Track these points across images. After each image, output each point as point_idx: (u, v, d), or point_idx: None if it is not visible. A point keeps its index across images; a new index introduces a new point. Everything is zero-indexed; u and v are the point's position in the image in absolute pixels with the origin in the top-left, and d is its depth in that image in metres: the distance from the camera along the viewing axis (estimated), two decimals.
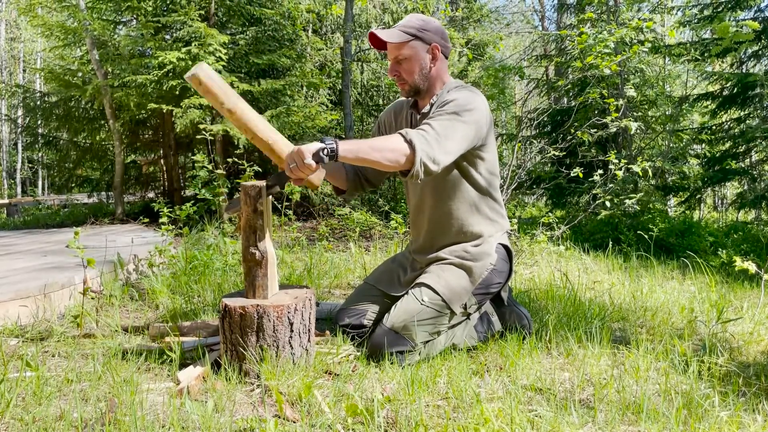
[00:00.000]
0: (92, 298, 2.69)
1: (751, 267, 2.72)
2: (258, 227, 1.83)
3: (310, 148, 1.70)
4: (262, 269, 1.85)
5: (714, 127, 9.03)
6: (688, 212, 9.01)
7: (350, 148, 1.74)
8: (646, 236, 5.52)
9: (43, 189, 20.90)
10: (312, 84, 7.12)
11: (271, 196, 1.89)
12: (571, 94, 9.34)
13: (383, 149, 1.77)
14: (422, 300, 2.01)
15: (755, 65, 9.51)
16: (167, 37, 6.95)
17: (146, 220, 5.55)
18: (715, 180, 8.39)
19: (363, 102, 10.36)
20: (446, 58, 2.13)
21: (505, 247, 2.17)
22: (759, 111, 8.57)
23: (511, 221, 5.10)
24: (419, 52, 2.05)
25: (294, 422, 1.51)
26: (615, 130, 6.93)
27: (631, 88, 7.13)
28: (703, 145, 9.24)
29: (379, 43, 2.08)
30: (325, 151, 1.69)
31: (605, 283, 3.48)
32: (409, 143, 1.79)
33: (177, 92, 6.07)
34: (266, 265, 1.85)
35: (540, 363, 1.97)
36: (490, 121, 2.07)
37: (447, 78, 2.15)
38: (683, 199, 9.00)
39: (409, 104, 2.24)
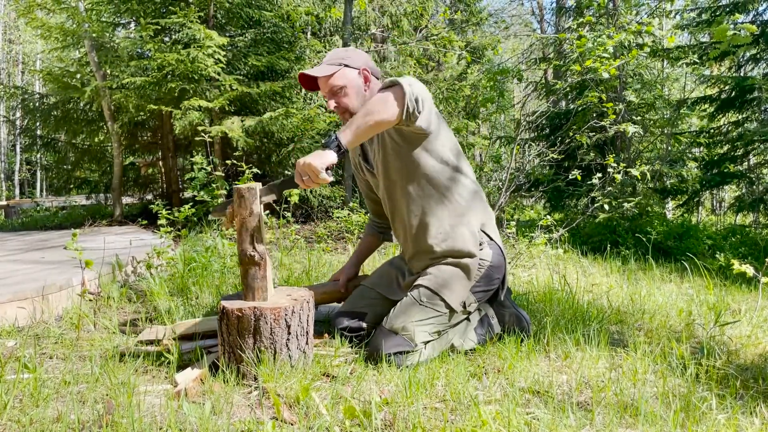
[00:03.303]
0: (90, 300, 2.68)
1: (749, 270, 2.72)
2: (255, 229, 1.83)
3: (323, 161, 1.71)
4: (261, 271, 1.85)
5: (712, 131, 9.05)
6: (686, 215, 9.03)
7: (350, 133, 1.76)
8: (644, 239, 5.53)
9: (41, 191, 20.89)
10: None
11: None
12: (569, 97, 9.37)
13: (373, 110, 1.78)
14: (420, 300, 2.01)
15: (753, 68, 9.54)
16: (166, 39, 6.95)
17: (145, 221, 5.55)
18: (713, 183, 8.40)
19: None
20: (378, 79, 2.15)
21: (497, 242, 2.16)
22: (757, 114, 8.60)
23: (509, 224, 5.11)
24: (351, 78, 2.08)
25: (291, 424, 1.50)
26: (613, 133, 6.95)
27: (631, 94, 7.14)
28: (702, 148, 9.26)
29: (310, 83, 2.12)
30: (334, 154, 1.73)
31: (603, 286, 3.48)
32: (391, 84, 1.83)
33: (176, 94, 6.08)
34: (265, 266, 1.85)
35: (538, 365, 1.97)
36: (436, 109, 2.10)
37: None
38: (681, 202, 9.01)
39: None
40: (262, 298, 1.86)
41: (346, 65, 2.07)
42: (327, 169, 1.72)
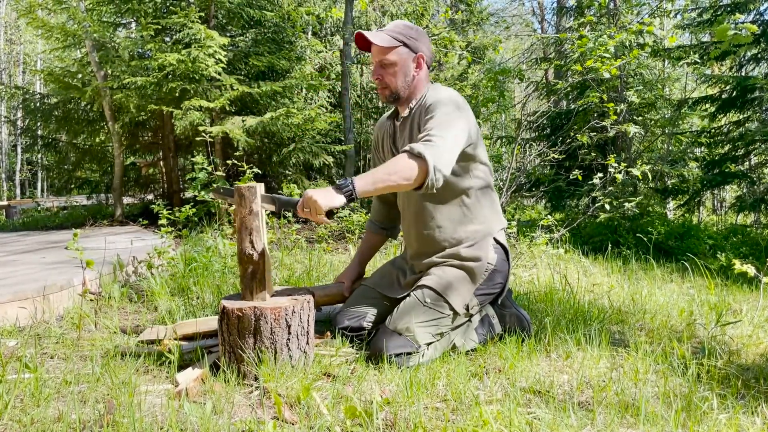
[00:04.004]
0: (91, 300, 2.68)
1: (750, 270, 2.72)
2: (254, 228, 1.83)
3: (329, 203, 1.71)
4: (259, 270, 1.85)
5: (713, 130, 9.04)
6: (687, 215, 9.02)
7: (366, 182, 1.76)
8: (645, 239, 5.52)
9: (42, 191, 20.91)
10: (312, 86, 7.13)
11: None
12: (570, 97, 9.36)
13: (397, 171, 1.78)
14: (425, 301, 2.01)
15: (754, 68, 9.52)
16: (167, 39, 6.95)
17: (145, 222, 5.54)
18: (714, 183, 8.39)
19: (362, 104, 10.38)
20: (429, 67, 2.15)
21: (504, 246, 2.17)
22: (758, 114, 8.59)
23: (510, 224, 5.10)
24: (405, 59, 2.07)
25: (292, 424, 1.50)
26: (614, 133, 6.94)
27: (633, 95, 7.12)
28: (703, 148, 9.25)
29: (365, 44, 2.09)
30: (344, 199, 1.73)
31: (604, 286, 3.48)
32: (418, 156, 1.79)
33: (177, 94, 6.08)
34: (263, 266, 1.85)
35: (539, 365, 1.97)
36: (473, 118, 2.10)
37: (427, 84, 2.17)
38: (682, 202, 9.01)
39: (388, 116, 2.28)
40: (260, 297, 1.86)
41: (406, 44, 2.06)
42: (331, 211, 1.72)
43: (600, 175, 5.49)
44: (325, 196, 1.71)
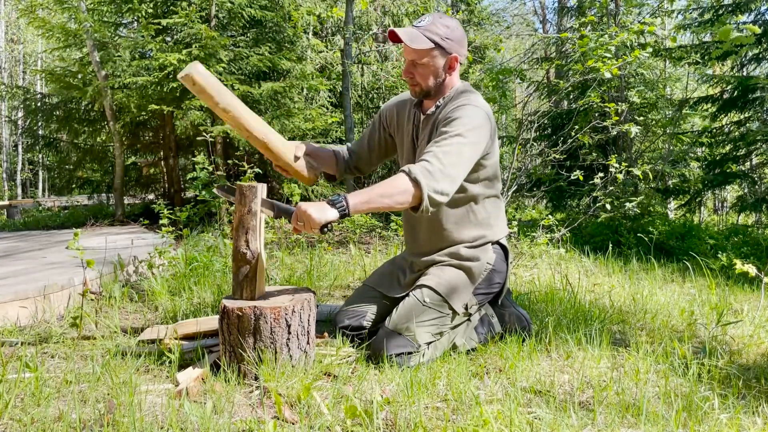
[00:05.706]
0: (92, 300, 2.68)
1: (751, 270, 2.71)
2: (251, 228, 1.84)
3: (322, 217, 1.70)
4: (251, 270, 1.85)
5: (714, 130, 9.04)
6: (688, 215, 9.01)
7: (361, 201, 1.76)
8: (646, 239, 5.52)
9: (43, 191, 20.91)
10: (312, 86, 7.12)
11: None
12: (571, 97, 9.36)
13: (392, 194, 1.78)
14: (424, 301, 2.01)
15: (755, 68, 9.52)
16: (168, 39, 6.95)
17: (146, 221, 5.54)
18: (715, 183, 8.39)
19: (363, 104, 10.37)
20: (461, 65, 2.11)
21: (503, 247, 2.17)
22: (759, 114, 8.58)
23: (510, 224, 5.10)
24: (437, 61, 2.02)
25: (293, 424, 1.50)
26: (615, 133, 6.93)
27: (635, 96, 7.11)
28: (704, 148, 9.25)
29: (397, 38, 2.01)
30: (337, 214, 1.73)
31: (605, 286, 3.48)
32: (414, 181, 1.79)
33: (177, 94, 6.07)
34: (256, 265, 1.85)
35: (539, 365, 1.97)
36: (494, 129, 2.05)
37: (457, 82, 2.13)
38: (683, 202, 9.00)
39: (413, 102, 2.23)
40: (250, 296, 1.86)
41: (440, 46, 1.99)
42: (324, 226, 1.72)
43: (601, 175, 5.48)
44: (318, 211, 1.71)
